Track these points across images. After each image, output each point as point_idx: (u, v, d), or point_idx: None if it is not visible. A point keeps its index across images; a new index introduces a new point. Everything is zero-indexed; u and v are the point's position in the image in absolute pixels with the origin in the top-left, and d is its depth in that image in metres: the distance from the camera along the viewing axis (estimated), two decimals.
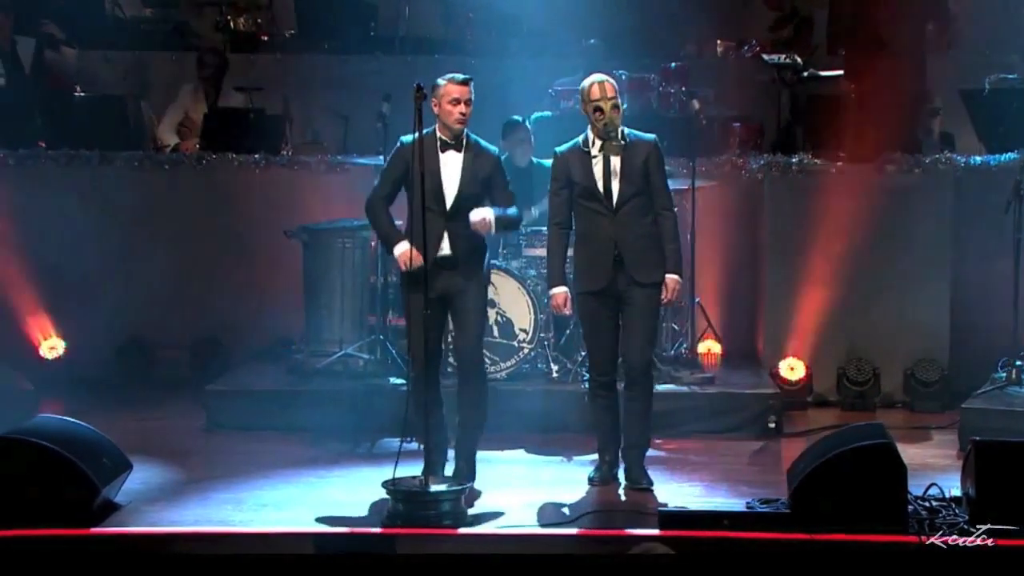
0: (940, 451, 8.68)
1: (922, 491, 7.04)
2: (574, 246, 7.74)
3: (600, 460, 7.83)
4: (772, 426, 9.11)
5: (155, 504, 7.33)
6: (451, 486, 7.12)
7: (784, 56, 11.48)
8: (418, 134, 7.29)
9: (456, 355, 8.06)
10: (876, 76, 10.13)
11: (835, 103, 10.70)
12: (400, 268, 7.68)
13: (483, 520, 7.06)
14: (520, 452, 8.59)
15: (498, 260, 9.25)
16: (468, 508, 7.13)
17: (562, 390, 9.15)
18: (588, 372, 8.00)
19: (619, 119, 7.57)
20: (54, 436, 6.99)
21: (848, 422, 8.32)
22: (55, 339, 10.37)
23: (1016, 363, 9.06)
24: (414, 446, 7.70)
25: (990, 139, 10.39)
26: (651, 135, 7.72)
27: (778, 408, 9.21)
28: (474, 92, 7.61)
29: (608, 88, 7.55)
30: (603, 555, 6.59)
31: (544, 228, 7.94)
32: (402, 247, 7.60)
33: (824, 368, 10.03)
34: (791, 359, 9.99)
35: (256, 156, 10.56)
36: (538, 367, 9.40)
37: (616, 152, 7.54)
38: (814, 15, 12.47)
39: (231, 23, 12.63)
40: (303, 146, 11.17)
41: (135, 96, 11.43)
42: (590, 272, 7.62)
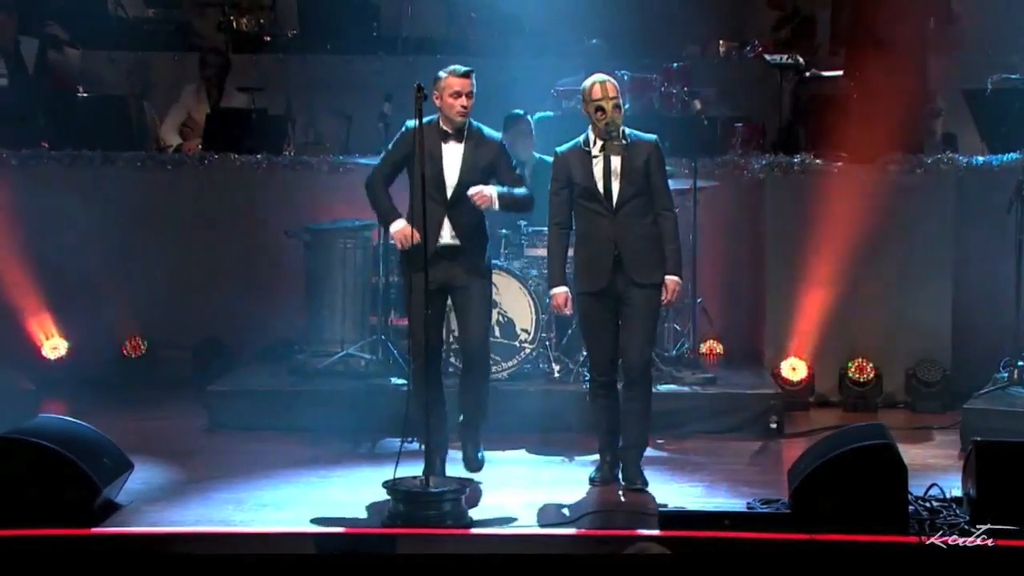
0: (941, 451, 8.67)
1: (923, 491, 7.03)
2: (574, 246, 7.73)
3: (601, 460, 7.83)
4: (773, 426, 9.09)
5: (156, 504, 7.33)
6: (452, 486, 7.12)
7: (786, 56, 11.46)
8: (418, 122, 7.31)
9: (461, 352, 8.07)
10: (878, 76, 10.13)
11: (837, 103, 10.69)
12: (397, 246, 7.70)
13: (484, 520, 7.05)
14: (521, 452, 8.59)
15: (500, 260, 9.25)
16: (469, 508, 7.12)
17: (563, 390, 9.15)
18: (589, 372, 8.00)
19: (620, 119, 7.56)
20: (55, 436, 6.98)
21: (849, 422, 8.30)
22: (57, 339, 10.37)
23: (1018, 363, 9.03)
24: (415, 446, 7.72)
25: (992, 139, 10.38)
26: (652, 135, 7.71)
27: (779, 408, 9.19)
28: (476, 85, 7.63)
29: (609, 88, 7.55)
30: (603, 555, 6.58)
31: (546, 228, 7.92)
32: (399, 224, 7.63)
33: (826, 368, 10.03)
34: (793, 359, 9.99)
35: (258, 156, 10.56)
36: (540, 367, 9.40)
37: (617, 152, 7.53)
38: (816, 15, 12.47)
39: (234, 23, 12.64)
40: (305, 146, 11.17)
41: (138, 96, 11.43)
42: (589, 272, 7.61)
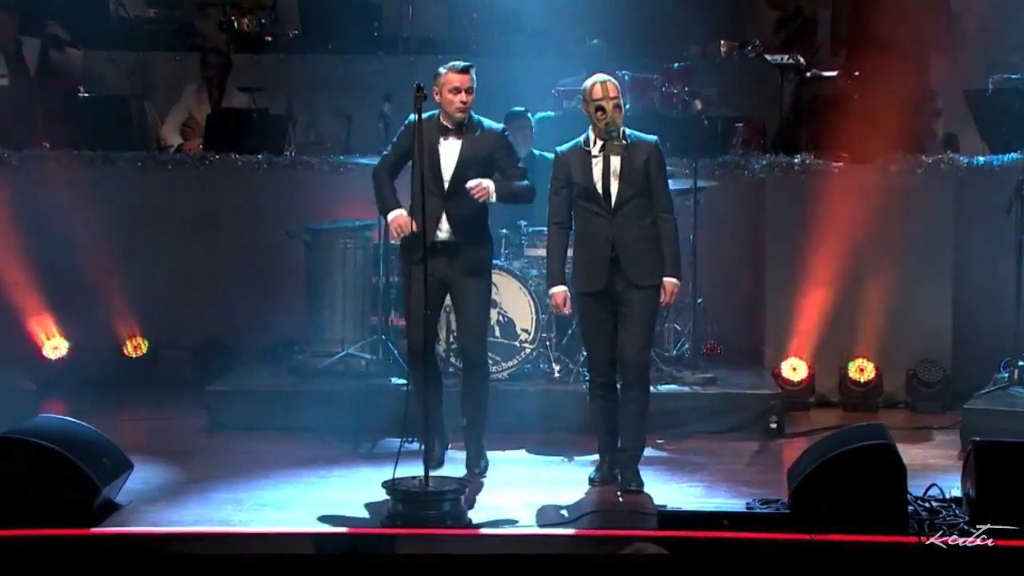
0: (941, 452, 8.67)
1: (922, 492, 7.03)
2: (573, 246, 7.73)
3: (600, 460, 7.83)
4: (774, 426, 9.09)
5: (155, 504, 7.33)
6: (451, 486, 7.12)
7: (787, 56, 11.44)
8: (418, 119, 7.32)
9: (460, 351, 8.07)
10: (879, 76, 10.14)
11: (838, 103, 10.68)
12: (392, 234, 7.74)
13: (483, 520, 7.05)
14: (521, 452, 8.59)
15: (500, 260, 9.25)
16: (468, 508, 7.13)
17: (564, 390, 9.15)
18: (588, 373, 7.99)
19: (620, 119, 7.55)
20: (54, 436, 6.99)
21: (850, 423, 8.30)
22: (58, 339, 10.37)
23: (1018, 363, 9.03)
24: (415, 446, 7.72)
25: (993, 139, 10.38)
26: (653, 136, 7.70)
27: (780, 408, 9.19)
28: (476, 81, 7.65)
29: (610, 88, 7.54)
30: (602, 555, 6.58)
31: (546, 228, 7.93)
32: (396, 212, 7.70)
33: (826, 368, 10.02)
34: (793, 359, 9.98)
35: (259, 156, 10.55)
36: (540, 367, 9.40)
37: (617, 152, 7.53)
38: (817, 15, 12.47)
39: (235, 23, 12.63)
40: (306, 146, 11.18)
41: (139, 96, 11.43)
42: (587, 273, 7.61)
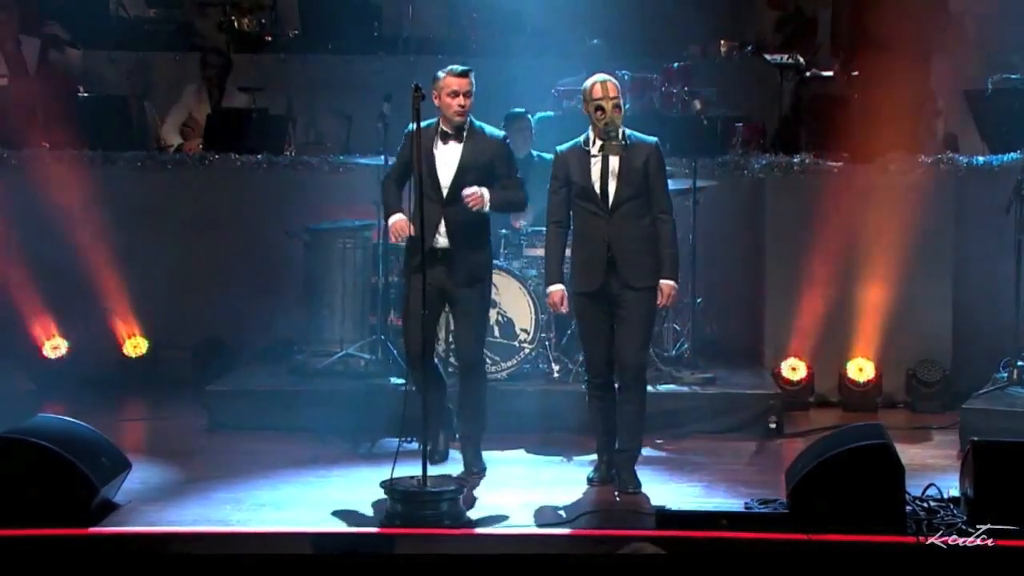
0: (940, 452, 8.66)
1: (920, 491, 7.03)
2: (571, 246, 7.73)
3: (598, 460, 7.83)
4: (773, 426, 9.09)
5: (154, 504, 7.33)
6: (450, 485, 7.12)
7: (787, 56, 11.46)
8: (416, 127, 7.33)
9: (456, 357, 8.09)
10: (878, 76, 10.14)
11: (837, 103, 10.71)
12: (391, 238, 7.84)
13: (482, 520, 7.06)
14: (520, 452, 8.59)
15: (499, 260, 9.25)
16: (467, 508, 7.14)
17: (563, 390, 9.14)
18: (586, 373, 7.99)
19: (620, 119, 7.54)
20: (53, 436, 6.99)
21: (849, 423, 8.30)
22: (58, 339, 10.38)
23: (1018, 363, 9.03)
24: (414, 446, 7.69)
25: (993, 139, 10.39)
26: (653, 138, 7.69)
27: (779, 408, 9.19)
28: (475, 84, 7.65)
29: (610, 88, 7.54)
30: (600, 555, 6.58)
31: (545, 228, 7.92)
32: (396, 217, 7.75)
33: (826, 368, 10.01)
34: (793, 359, 9.98)
35: (259, 156, 10.55)
36: (539, 367, 9.40)
37: (616, 152, 7.52)
38: (817, 15, 12.47)
39: (235, 23, 12.65)
40: (306, 146, 11.19)
41: (138, 96, 11.44)
42: (584, 273, 7.60)
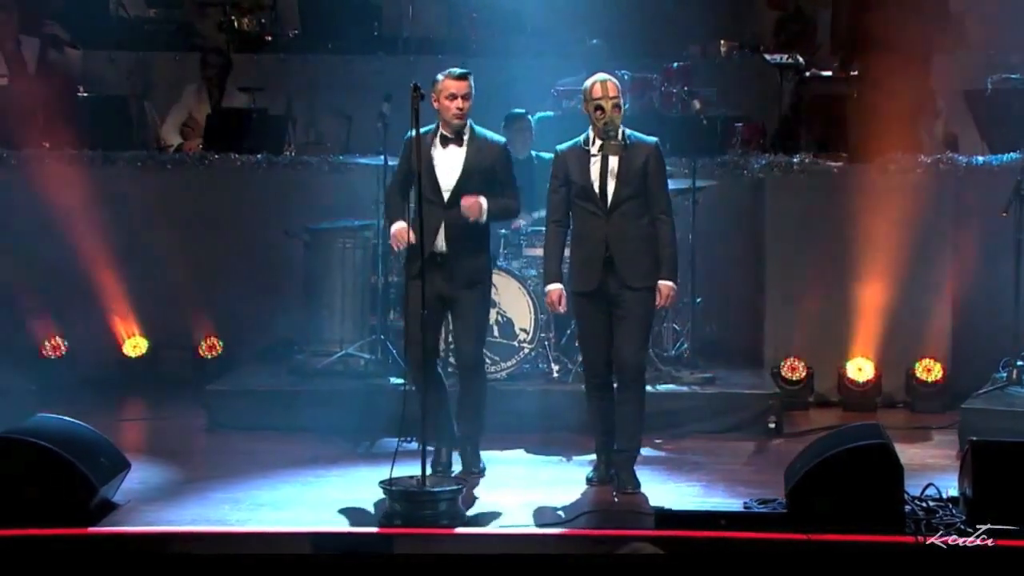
0: (940, 451, 8.66)
1: (919, 491, 7.03)
2: (570, 246, 7.73)
3: (598, 460, 7.83)
4: (772, 426, 9.10)
5: (153, 504, 7.33)
6: (450, 485, 7.12)
7: (787, 56, 11.47)
8: (415, 132, 7.33)
9: (456, 358, 8.09)
10: (878, 76, 10.13)
11: (837, 103, 10.71)
12: (393, 246, 7.84)
13: (481, 520, 7.06)
14: (520, 452, 8.59)
15: (499, 260, 9.25)
16: (466, 508, 7.13)
17: (562, 390, 9.14)
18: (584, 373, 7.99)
19: (619, 119, 7.54)
20: (52, 436, 6.99)
21: (849, 422, 8.30)
22: (58, 339, 10.38)
23: (1017, 363, 9.02)
24: (412, 445, 7.68)
25: (993, 139, 10.39)
26: (653, 138, 7.69)
27: (778, 408, 9.20)
28: (474, 87, 7.66)
29: (610, 87, 7.54)
30: (599, 555, 6.58)
31: (544, 228, 7.92)
32: (396, 225, 7.75)
33: (825, 368, 10.02)
34: (792, 359, 9.98)
35: (259, 156, 10.56)
36: (539, 367, 9.40)
37: (616, 152, 7.52)
38: (817, 15, 12.47)
39: (235, 23, 12.66)
40: (306, 146, 11.19)
41: (138, 96, 11.46)
42: (582, 273, 7.60)
